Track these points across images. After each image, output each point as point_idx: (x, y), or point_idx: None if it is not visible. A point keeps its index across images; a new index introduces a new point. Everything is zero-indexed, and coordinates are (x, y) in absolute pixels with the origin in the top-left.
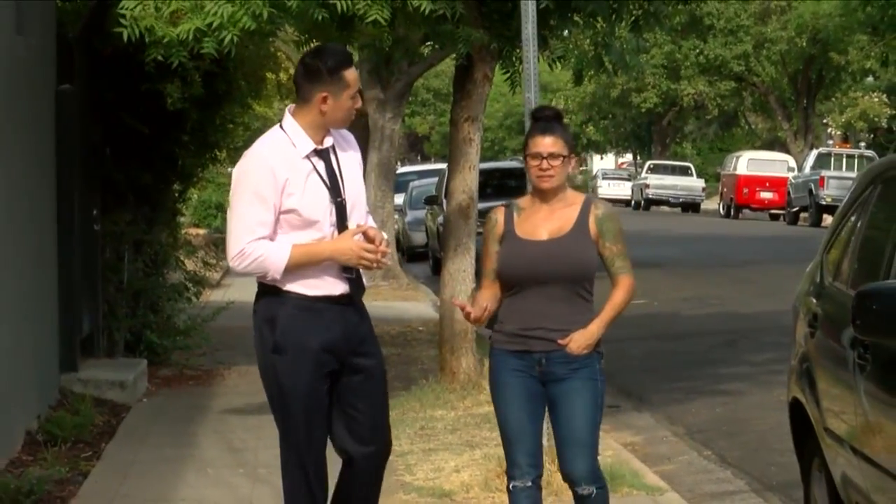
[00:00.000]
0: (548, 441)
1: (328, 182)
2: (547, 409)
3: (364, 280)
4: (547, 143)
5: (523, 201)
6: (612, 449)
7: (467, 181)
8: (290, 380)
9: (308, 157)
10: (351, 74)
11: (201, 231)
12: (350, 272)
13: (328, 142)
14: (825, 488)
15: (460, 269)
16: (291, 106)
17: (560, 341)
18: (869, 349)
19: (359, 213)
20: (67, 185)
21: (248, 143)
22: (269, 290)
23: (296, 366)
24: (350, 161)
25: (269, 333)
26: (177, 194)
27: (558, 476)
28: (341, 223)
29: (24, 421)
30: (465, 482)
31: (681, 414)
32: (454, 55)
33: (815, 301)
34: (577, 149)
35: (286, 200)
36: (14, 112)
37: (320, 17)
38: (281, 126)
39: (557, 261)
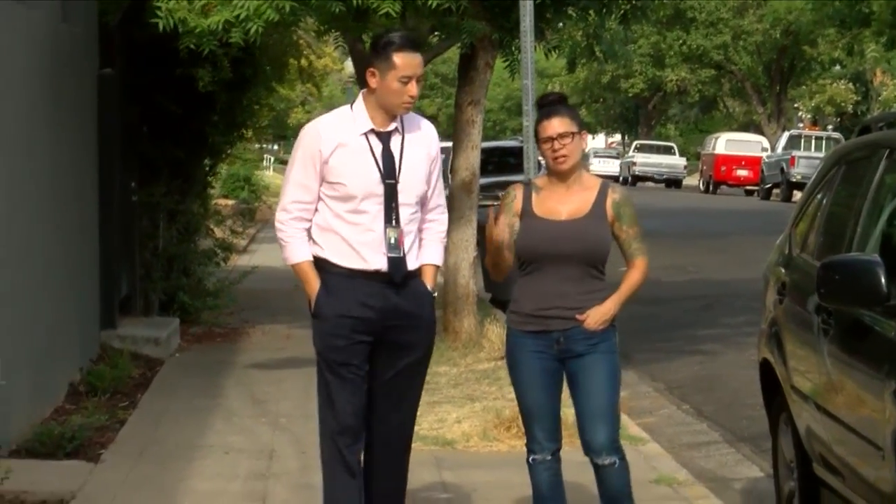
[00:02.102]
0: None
1: (381, 163)
2: (567, 383)
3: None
4: (554, 125)
5: (541, 181)
6: None
7: (470, 159)
8: (321, 344)
9: (365, 135)
10: (401, 58)
11: (230, 202)
12: (397, 251)
13: (392, 126)
14: (791, 440)
15: (463, 238)
16: (364, 91)
17: (578, 316)
18: (832, 315)
19: (407, 197)
20: (107, 161)
21: (273, 124)
22: (316, 261)
23: (327, 332)
24: (417, 150)
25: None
26: (207, 168)
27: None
28: (388, 204)
29: (67, 373)
30: (465, 432)
31: (661, 371)
32: (459, 44)
33: (783, 271)
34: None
35: (330, 171)
36: (59, 94)
37: (337, 10)
38: (351, 105)
39: (575, 241)
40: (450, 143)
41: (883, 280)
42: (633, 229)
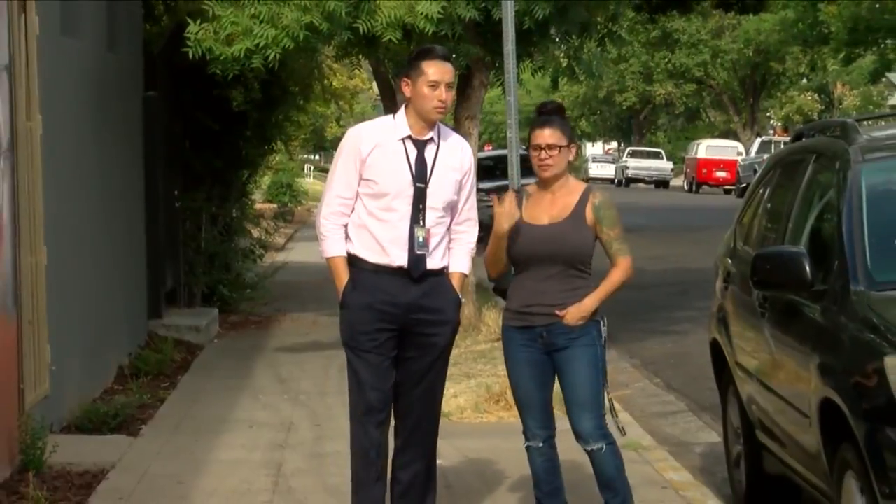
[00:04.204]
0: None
1: (414, 167)
2: (556, 375)
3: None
4: (545, 135)
5: (532, 188)
6: None
7: None
8: (348, 333)
9: (403, 140)
10: (430, 66)
11: (273, 205)
12: (424, 249)
13: (429, 135)
14: (737, 410)
15: None
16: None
17: (557, 312)
18: (767, 300)
19: (435, 202)
20: (153, 171)
21: (312, 137)
22: (348, 256)
23: (353, 321)
24: (450, 160)
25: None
26: (245, 177)
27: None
28: (416, 205)
29: (118, 358)
30: (460, 405)
31: (639, 349)
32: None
33: (729, 261)
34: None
35: (367, 168)
36: (105, 114)
37: (346, 38)
38: (393, 115)
39: (555, 243)
40: None
41: (807, 269)
42: (615, 231)
